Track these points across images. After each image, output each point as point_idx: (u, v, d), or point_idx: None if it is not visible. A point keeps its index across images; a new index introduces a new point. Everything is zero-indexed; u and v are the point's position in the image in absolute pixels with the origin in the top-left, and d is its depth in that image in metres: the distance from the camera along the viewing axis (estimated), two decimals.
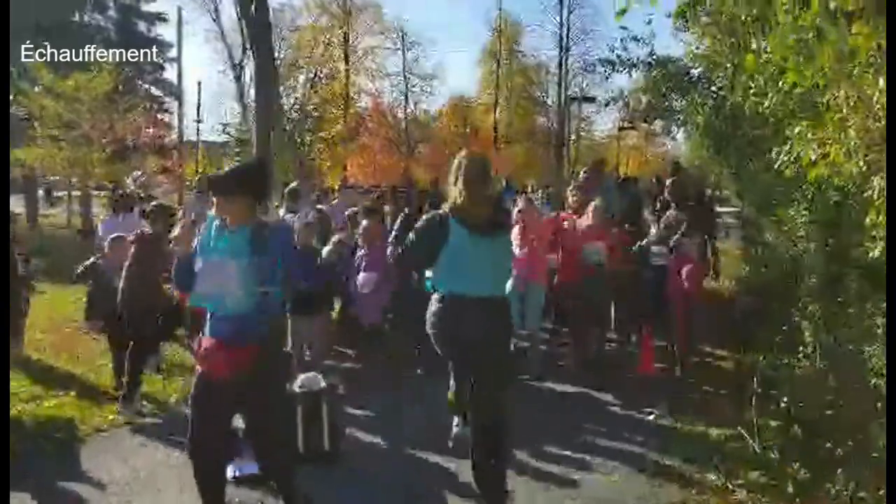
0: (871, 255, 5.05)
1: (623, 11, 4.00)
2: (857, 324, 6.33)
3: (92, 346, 8.08)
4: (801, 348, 6.93)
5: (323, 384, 4.94)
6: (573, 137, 40.57)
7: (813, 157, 4.60)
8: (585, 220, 7.39)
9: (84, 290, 7.36)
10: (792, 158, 5.10)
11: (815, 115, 4.94)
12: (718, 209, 22.20)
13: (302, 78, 34.82)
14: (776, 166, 5.46)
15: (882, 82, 3.83)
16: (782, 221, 7.65)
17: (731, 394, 6.40)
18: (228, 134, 26.91)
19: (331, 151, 21.46)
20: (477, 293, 4.10)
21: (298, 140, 19.60)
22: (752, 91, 5.41)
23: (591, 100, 28.26)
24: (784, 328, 7.27)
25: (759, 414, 5.49)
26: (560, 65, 40.73)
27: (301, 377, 4.99)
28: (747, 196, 9.75)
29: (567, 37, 40.29)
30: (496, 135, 42.43)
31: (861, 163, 4.50)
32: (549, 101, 43.09)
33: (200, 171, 30.47)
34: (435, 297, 4.23)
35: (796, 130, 4.84)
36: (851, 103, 4.38)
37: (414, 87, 41.66)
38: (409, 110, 42.28)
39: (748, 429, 5.33)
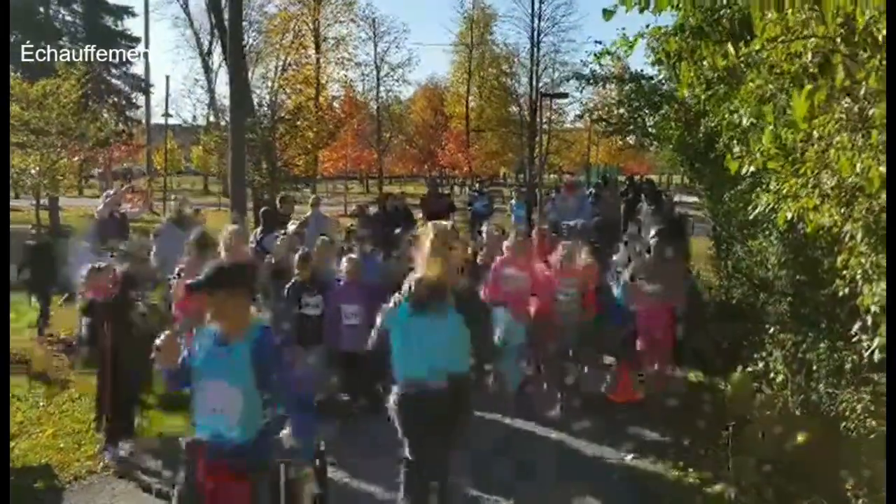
0: (840, 293, 5.13)
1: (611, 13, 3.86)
2: (827, 358, 6.48)
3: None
4: (771, 375, 7.08)
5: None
6: (545, 127, 40.64)
7: (789, 216, 4.69)
8: (555, 261, 7.43)
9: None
10: (767, 211, 5.20)
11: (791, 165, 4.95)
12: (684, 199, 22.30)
13: (273, 65, 34.48)
14: (751, 216, 5.55)
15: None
16: (752, 252, 7.78)
17: (707, 428, 6.47)
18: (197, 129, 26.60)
19: (305, 157, 21.42)
20: (430, 379, 4.18)
21: (269, 137, 19.38)
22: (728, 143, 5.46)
23: (563, 96, 28.36)
24: (755, 356, 7.40)
25: (734, 454, 5.58)
26: (532, 55, 40.72)
27: (283, 434, 4.96)
28: (719, 217, 9.86)
29: (538, 27, 40.24)
30: (468, 123, 42.50)
31: (833, 211, 4.59)
32: (521, 90, 43.18)
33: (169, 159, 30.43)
34: (395, 385, 4.32)
35: (772, 187, 4.91)
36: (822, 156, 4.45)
37: (386, 76, 41.67)
38: (381, 99, 42.32)
39: (725, 474, 5.41)
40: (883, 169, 3.39)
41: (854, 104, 3.22)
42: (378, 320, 4.46)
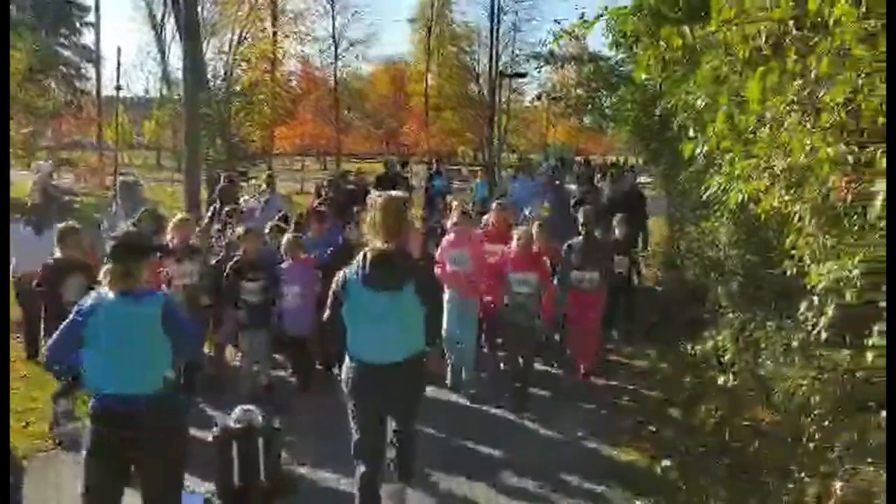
0: (788, 272, 5.25)
1: None
2: (775, 336, 6.64)
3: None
4: (719, 352, 7.25)
5: (260, 419, 4.90)
6: (504, 106, 40.73)
7: (741, 198, 4.78)
8: (514, 247, 6.93)
9: None
10: (719, 192, 5.29)
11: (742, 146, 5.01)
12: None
13: (228, 38, 33.81)
14: (703, 197, 5.63)
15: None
16: (705, 232, 7.92)
17: (658, 409, 6.57)
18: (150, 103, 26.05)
19: (261, 133, 21.13)
20: (382, 360, 4.16)
21: (224, 112, 19.06)
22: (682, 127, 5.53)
23: (522, 75, 28.39)
24: (704, 334, 7.58)
25: (685, 439, 5.69)
26: (492, 33, 40.67)
27: (237, 411, 4.94)
28: (674, 198, 10.01)
29: (498, 6, 40.21)
30: (427, 101, 42.35)
31: (782, 192, 4.68)
32: (481, 69, 43.12)
33: (122, 132, 29.75)
34: (346, 359, 4.29)
35: (724, 169, 5.00)
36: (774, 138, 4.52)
37: (344, 52, 41.28)
38: (339, 75, 41.90)
39: (679, 459, 5.49)
40: (831, 150, 3.48)
41: (805, 87, 3.28)
42: (332, 289, 4.35)
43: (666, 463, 5.45)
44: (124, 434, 3.69)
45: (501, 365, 7.41)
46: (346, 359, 4.32)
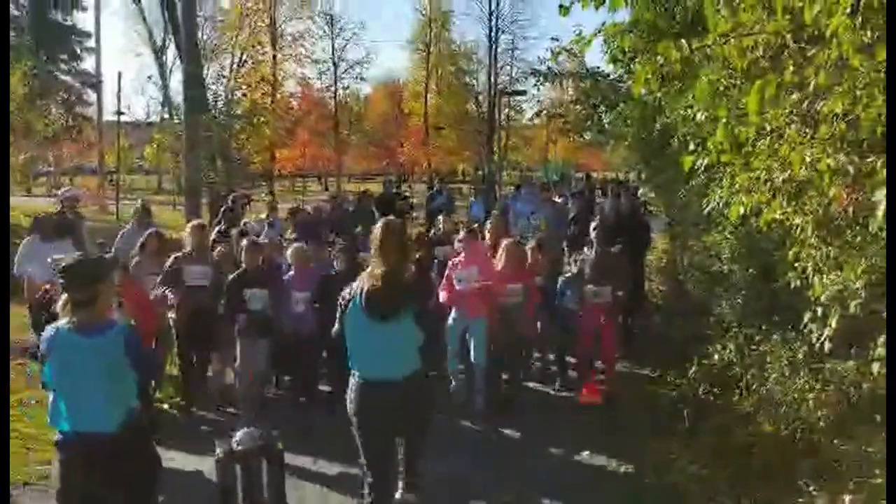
0: (791, 285, 5.23)
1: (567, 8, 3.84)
2: (779, 349, 6.61)
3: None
4: (724, 366, 7.20)
5: (261, 441, 4.87)
6: (503, 124, 40.93)
7: (742, 211, 4.77)
8: (500, 262, 7.20)
9: None
10: (721, 205, 5.29)
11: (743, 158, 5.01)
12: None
13: (228, 62, 34.04)
14: (705, 211, 5.63)
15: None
16: (707, 246, 7.90)
17: (664, 426, 6.51)
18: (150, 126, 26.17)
19: (261, 156, 21.20)
20: (384, 375, 4.13)
21: (225, 135, 19.11)
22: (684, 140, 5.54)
23: (521, 93, 28.50)
24: (709, 349, 7.52)
25: (689, 453, 5.64)
26: (490, 52, 40.97)
27: (239, 434, 4.91)
28: (674, 213, 10.00)
29: (497, 25, 40.56)
30: (426, 120, 42.51)
31: (783, 204, 4.68)
32: (479, 87, 43.39)
33: (123, 157, 29.93)
34: (352, 378, 4.28)
35: (725, 182, 5.00)
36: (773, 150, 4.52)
37: (344, 74, 41.53)
38: (339, 96, 42.13)
39: (684, 473, 5.44)
40: (832, 161, 3.47)
41: (803, 99, 3.28)
42: (339, 304, 4.36)
43: (671, 477, 5.40)
44: (91, 472, 3.54)
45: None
46: (351, 379, 4.31)
